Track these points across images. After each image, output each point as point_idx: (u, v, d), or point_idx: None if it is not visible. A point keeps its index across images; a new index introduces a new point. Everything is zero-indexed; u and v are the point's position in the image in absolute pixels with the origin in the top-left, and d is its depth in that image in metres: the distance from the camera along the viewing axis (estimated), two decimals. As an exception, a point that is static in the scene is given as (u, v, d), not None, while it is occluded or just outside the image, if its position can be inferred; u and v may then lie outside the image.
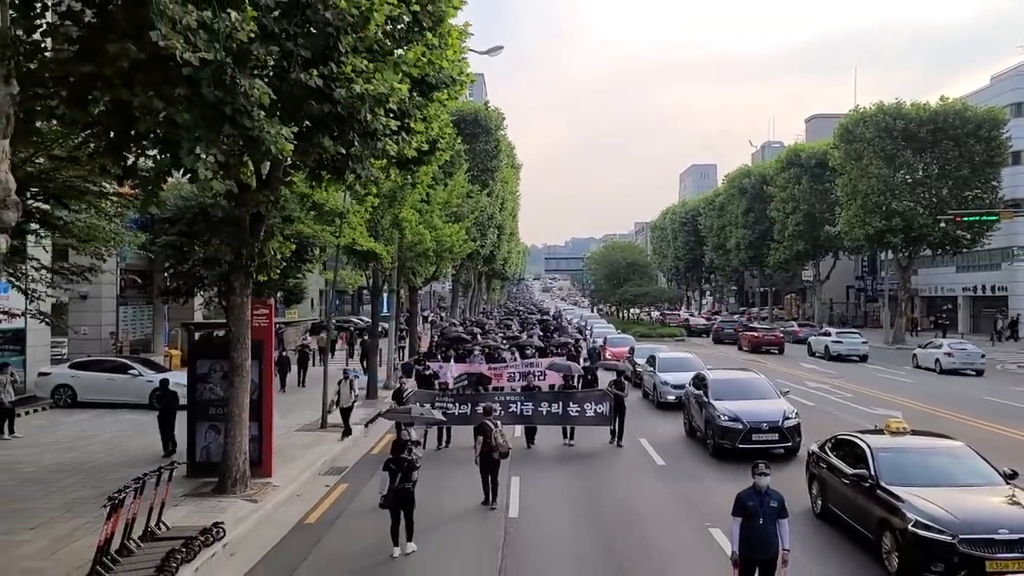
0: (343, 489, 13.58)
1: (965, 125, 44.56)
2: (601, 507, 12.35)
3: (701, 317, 74.51)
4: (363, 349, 30.81)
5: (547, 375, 20.66)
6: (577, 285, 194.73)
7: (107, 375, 21.54)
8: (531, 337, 35.01)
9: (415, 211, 24.58)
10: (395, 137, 11.79)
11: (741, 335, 47.15)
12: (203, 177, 8.95)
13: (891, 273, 52.99)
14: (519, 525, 11.36)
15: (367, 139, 11.26)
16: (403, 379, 20.85)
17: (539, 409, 16.85)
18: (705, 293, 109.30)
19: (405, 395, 16.99)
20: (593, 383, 20.13)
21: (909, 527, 8.82)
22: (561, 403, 17.00)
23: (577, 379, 19.42)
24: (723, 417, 15.64)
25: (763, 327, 50.89)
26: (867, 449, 10.48)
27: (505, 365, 23.13)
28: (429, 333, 41.57)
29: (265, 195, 12.25)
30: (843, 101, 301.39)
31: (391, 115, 11.16)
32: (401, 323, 35.18)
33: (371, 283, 26.04)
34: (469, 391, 18.47)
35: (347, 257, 24.47)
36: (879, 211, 45.85)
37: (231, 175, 11.55)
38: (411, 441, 10.74)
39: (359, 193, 17.85)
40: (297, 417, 19.69)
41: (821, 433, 13.74)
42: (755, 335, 45.10)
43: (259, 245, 12.92)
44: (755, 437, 15.26)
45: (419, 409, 13.65)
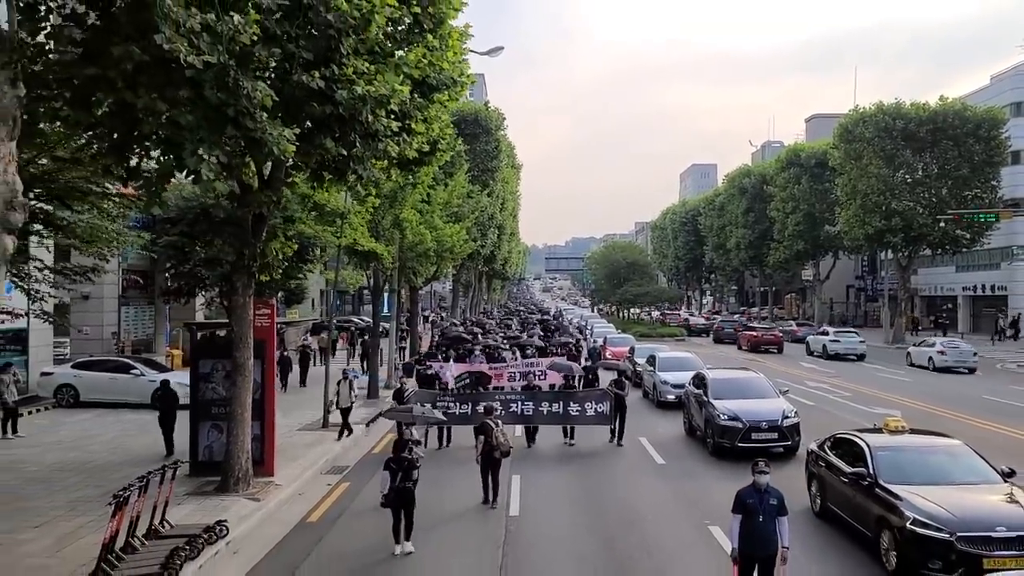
0: (344, 488, 13.65)
1: (965, 125, 44.63)
2: (601, 506, 12.42)
3: (701, 317, 74.64)
4: (364, 349, 30.89)
5: (548, 375, 20.66)
6: (577, 285, 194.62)
7: (109, 375, 21.62)
8: (531, 337, 35.09)
9: (416, 211, 24.65)
10: (396, 138, 11.86)
11: (740, 335, 47.34)
12: (206, 178, 9.04)
13: (891, 273, 53.02)
14: (520, 524, 11.42)
15: (368, 140, 11.33)
16: (404, 379, 20.90)
17: (540, 408, 16.90)
18: (705, 293, 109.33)
19: (406, 395, 17.06)
20: (594, 383, 20.20)
21: (907, 525, 8.89)
22: (562, 402, 17.04)
23: (578, 379, 19.49)
24: (723, 416, 15.70)
25: (762, 327, 51.09)
26: (866, 448, 10.55)
27: (506, 365, 23.13)
28: (430, 333, 41.61)
29: (267, 196, 12.32)
30: (843, 101, 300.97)
31: (392, 116, 11.24)
32: (402, 323, 35.24)
33: (372, 283, 26.09)
34: (470, 391, 18.54)
35: (348, 257, 24.54)
36: (879, 211, 45.89)
37: (233, 176, 11.60)
38: (412, 440, 10.80)
39: (360, 194, 17.95)
40: (299, 416, 19.77)
41: (820, 432, 13.78)
42: (754, 335, 45.29)
43: (261, 245, 13.02)
44: (754, 436, 15.32)
45: (420, 409, 13.69)
